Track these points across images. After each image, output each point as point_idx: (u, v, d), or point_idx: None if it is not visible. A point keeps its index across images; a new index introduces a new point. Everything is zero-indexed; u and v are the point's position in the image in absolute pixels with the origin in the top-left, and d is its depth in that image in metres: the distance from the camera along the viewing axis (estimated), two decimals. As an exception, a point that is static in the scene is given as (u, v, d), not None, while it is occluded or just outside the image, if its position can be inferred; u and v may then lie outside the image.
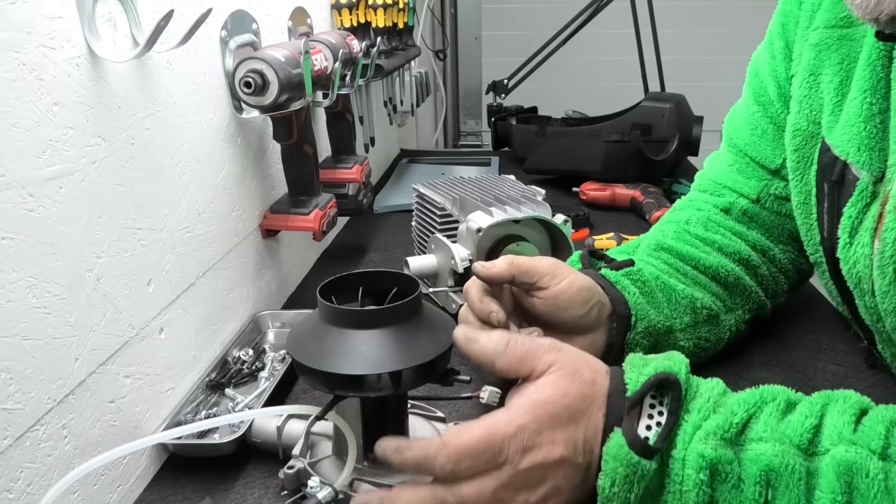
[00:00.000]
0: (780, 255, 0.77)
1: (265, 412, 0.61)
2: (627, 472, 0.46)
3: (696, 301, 0.69)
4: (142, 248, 0.59)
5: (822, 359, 0.74)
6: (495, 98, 1.67)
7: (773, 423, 0.46)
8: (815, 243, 0.68)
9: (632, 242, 0.79)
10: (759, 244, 0.76)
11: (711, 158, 0.85)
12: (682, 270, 0.72)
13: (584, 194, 1.31)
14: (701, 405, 0.48)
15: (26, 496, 0.47)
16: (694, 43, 2.34)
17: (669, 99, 1.35)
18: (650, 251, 0.74)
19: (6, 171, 0.44)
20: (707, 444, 0.45)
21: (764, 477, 0.44)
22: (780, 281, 0.77)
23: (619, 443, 0.46)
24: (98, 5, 0.52)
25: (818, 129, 0.65)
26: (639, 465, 0.46)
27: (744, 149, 0.78)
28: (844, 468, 0.43)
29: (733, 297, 0.73)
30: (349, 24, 1.11)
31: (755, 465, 0.44)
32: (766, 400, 0.48)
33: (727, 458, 0.45)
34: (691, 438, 0.46)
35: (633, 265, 0.69)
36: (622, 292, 0.66)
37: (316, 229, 0.84)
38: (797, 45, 0.69)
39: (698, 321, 0.69)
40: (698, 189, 0.83)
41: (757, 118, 0.76)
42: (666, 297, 0.68)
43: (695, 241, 0.74)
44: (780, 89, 0.72)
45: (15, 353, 0.45)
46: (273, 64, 0.71)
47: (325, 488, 0.52)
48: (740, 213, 0.77)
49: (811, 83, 0.65)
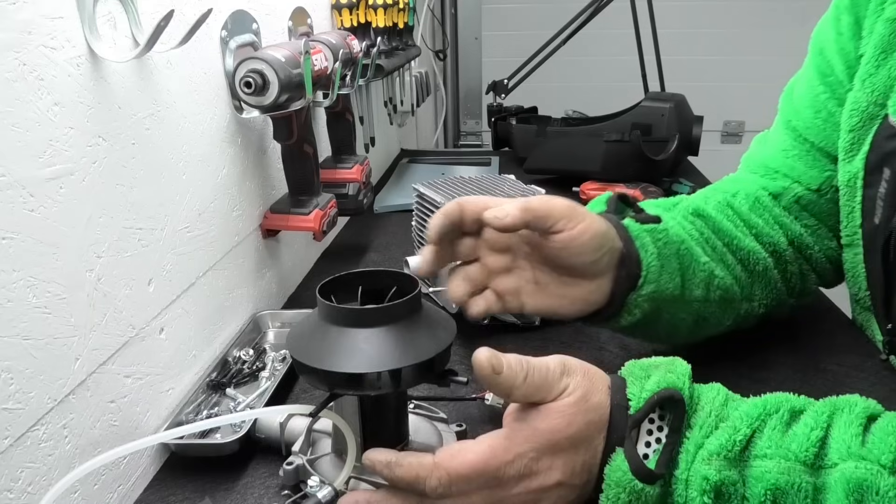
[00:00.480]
0: (819, 254, 0.73)
1: (266, 412, 0.61)
2: (630, 498, 0.45)
3: (715, 278, 0.66)
4: (142, 247, 0.59)
5: (823, 358, 0.74)
6: (495, 98, 1.67)
7: (777, 438, 0.45)
8: (855, 226, 0.66)
9: (670, 199, 0.74)
10: (798, 239, 0.72)
11: (761, 139, 0.79)
12: (712, 244, 0.68)
13: (584, 194, 1.31)
14: (703, 420, 0.46)
15: (27, 496, 0.47)
16: (694, 43, 2.34)
17: (669, 99, 1.35)
18: (686, 213, 0.70)
19: (6, 171, 0.44)
20: (711, 465, 0.44)
21: (770, 496, 0.43)
22: (811, 279, 0.74)
23: (622, 468, 0.45)
24: (98, 5, 0.52)
25: (879, 110, 0.61)
26: (642, 491, 0.45)
27: (805, 133, 0.72)
28: (854, 486, 0.42)
29: (755, 287, 0.70)
30: (349, 24, 1.11)
31: (760, 483, 0.43)
32: (770, 412, 0.47)
33: (731, 479, 0.44)
34: (694, 458, 0.45)
35: (660, 222, 0.65)
36: (639, 250, 0.62)
37: (316, 229, 0.85)
38: (868, 21, 0.64)
39: (709, 299, 0.66)
40: (748, 170, 0.78)
41: (823, 100, 0.71)
42: (685, 265, 0.64)
43: (735, 219, 0.70)
44: (850, 69, 0.67)
45: (15, 353, 0.45)
46: (273, 64, 0.71)
47: (324, 488, 0.52)
48: (792, 201, 0.73)
49: (880, 60, 0.61)
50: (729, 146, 2.44)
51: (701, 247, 0.67)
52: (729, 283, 0.67)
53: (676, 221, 0.68)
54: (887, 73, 0.61)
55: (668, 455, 0.45)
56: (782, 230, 0.72)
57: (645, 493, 0.45)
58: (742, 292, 0.69)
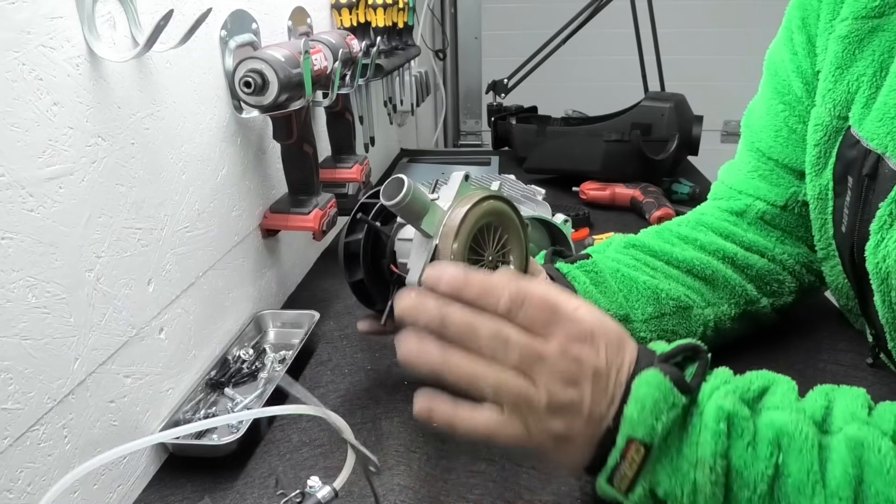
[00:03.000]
0: (784, 256, 0.74)
1: (265, 412, 0.61)
2: (658, 396, 0.44)
3: (661, 292, 0.68)
4: (142, 247, 0.59)
5: (823, 358, 0.74)
6: (495, 97, 1.67)
7: (789, 397, 0.46)
8: (828, 237, 0.68)
9: (606, 241, 0.78)
10: (755, 245, 0.74)
11: (727, 167, 0.82)
12: (650, 265, 0.71)
13: (583, 194, 1.31)
14: (721, 373, 0.48)
15: (26, 496, 0.47)
16: (694, 42, 2.34)
17: (669, 98, 1.35)
18: (619, 248, 0.74)
19: (6, 170, 0.44)
20: (726, 399, 0.45)
21: (776, 439, 0.44)
22: (786, 280, 0.75)
23: (654, 373, 0.45)
24: (98, 5, 0.52)
25: (842, 123, 0.63)
26: (672, 391, 0.44)
27: (768, 152, 0.74)
28: (856, 443, 0.43)
29: (716, 292, 0.71)
30: (349, 23, 1.11)
31: (770, 428, 0.44)
32: (780, 381, 0.48)
33: (744, 413, 0.44)
34: (711, 395, 0.45)
35: (589, 258, 0.70)
36: (572, 282, 0.67)
37: (316, 229, 0.85)
38: (820, 39, 0.66)
39: (664, 312, 0.68)
40: (712, 198, 0.81)
41: (783, 118, 0.73)
42: (622, 287, 0.68)
43: (672, 239, 0.74)
44: (808, 86, 0.70)
45: (15, 353, 0.45)
46: (273, 64, 0.71)
47: (324, 488, 0.52)
48: (756, 217, 0.75)
49: (837, 76, 0.63)
50: (729, 146, 2.44)
51: (639, 270, 0.70)
52: (679, 293, 0.69)
53: (609, 256, 0.72)
54: (845, 87, 0.63)
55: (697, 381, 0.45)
56: (729, 240, 0.74)
57: (675, 395, 0.44)
58: (703, 299, 0.71)
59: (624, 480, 0.45)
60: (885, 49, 0.60)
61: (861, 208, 0.61)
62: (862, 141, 0.60)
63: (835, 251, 0.68)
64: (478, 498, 0.56)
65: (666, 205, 1.19)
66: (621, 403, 0.45)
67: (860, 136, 0.61)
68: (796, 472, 0.43)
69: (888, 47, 0.60)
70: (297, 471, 0.60)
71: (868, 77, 0.61)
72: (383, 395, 0.71)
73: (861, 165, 0.60)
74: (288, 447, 0.63)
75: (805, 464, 0.43)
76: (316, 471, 0.60)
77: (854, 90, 0.62)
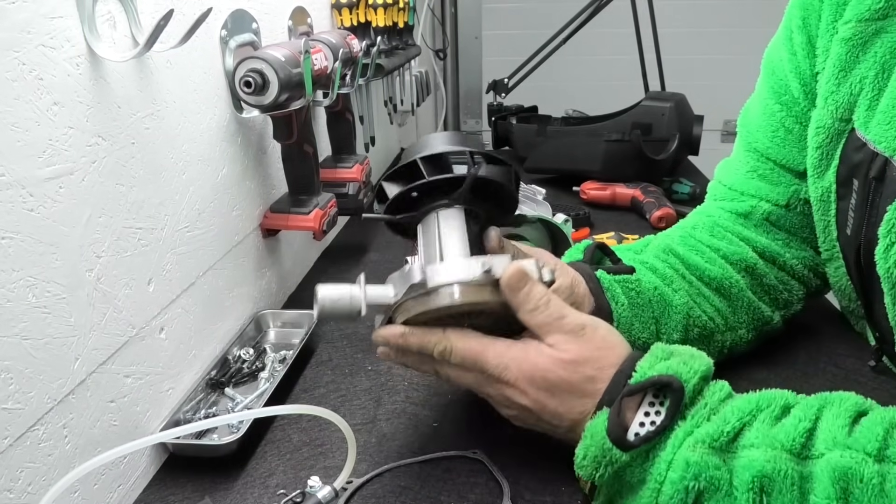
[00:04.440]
0: (793, 261, 0.74)
1: (265, 412, 0.61)
2: (597, 453, 0.48)
3: (692, 318, 0.67)
4: (142, 247, 0.59)
5: (823, 359, 0.74)
6: (495, 97, 1.67)
7: (765, 430, 0.46)
8: (832, 239, 0.68)
9: (640, 242, 0.76)
10: (768, 250, 0.73)
11: (723, 165, 0.81)
12: (686, 278, 0.70)
13: (584, 193, 1.31)
14: (696, 411, 0.48)
15: (27, 496, 0.47)
16: (694, 42, 2.34)
17: (670, 98, 1.35)
18: (658, 252, 0.72)
19: (6, 170, 0.44)
20: (695, 451, 0.46)
21: (757, 483, 0.44)
22: (794, 287, 0.74)
23: (601, 423, 0.48)
24: (98, 5, 0.52)
25: (845, 125, 0.63)
26: (610, 451, 0.48)
27: (766, 153, 0.74)
28: (840, 474, 0.43)
29: (736, 314, 0.71)
30: (349, 23, 1.11)
31: (747, 471, 0.45)
32: (762, 407, 0.48)
33: (713, 464, 0.45)
34: (681, 444, 0.47)
35: (633, 272, 0.67)
36: (609, 301, 0.64)
37: (316, 229, 0.84)
38: (821, 41, 0.66)
39: (688, 339, 0.68)
40: (713, 198, 0.80)
41: (779, 119, 0.73)
42: (658, 312, 0.66)
43: (700, 247, 0.72)
44: (806, 87, 0.70)
45: (15, 353, 0.45)
46: (273, 63, 0.71)
47: (324, 488, 0.52)
48: (761, 219, 0.74)
49: (840, 78, 0.63)
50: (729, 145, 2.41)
51: (675, 285, 0.68)
52: (707, 318, 0.69)
53: (650, 264, 0.70)
54: (848, 89, 0.63)
55: (653, 436, 0.47)
56: (747, 244, 0.73)
57: (613, 454, 0.48)
58: (725, 323, 0.70)
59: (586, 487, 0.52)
60: (888, 51, 0.59)
61: (868, 211, 0.61)
62: (869, 144, 0.60)
63: (838, 253, 0.68)
64: (478, 498, 0.56)
65: (666, 205, 1.19)
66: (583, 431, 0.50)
67: (866, 139, 0.60)
68: None
69: (891, 49, 0.59)
70: (297, 471, 0.60)
71: (870, 79, 0.60)
72: (384, 395, 0.71)
73: (868, 168, 0.60)
74: (288, 447, 0.63)
75: (787, 502, 0.44)
76: (316, 471, 0.60)
77: (857, 92, 0.62)
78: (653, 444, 0.47)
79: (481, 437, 0.63)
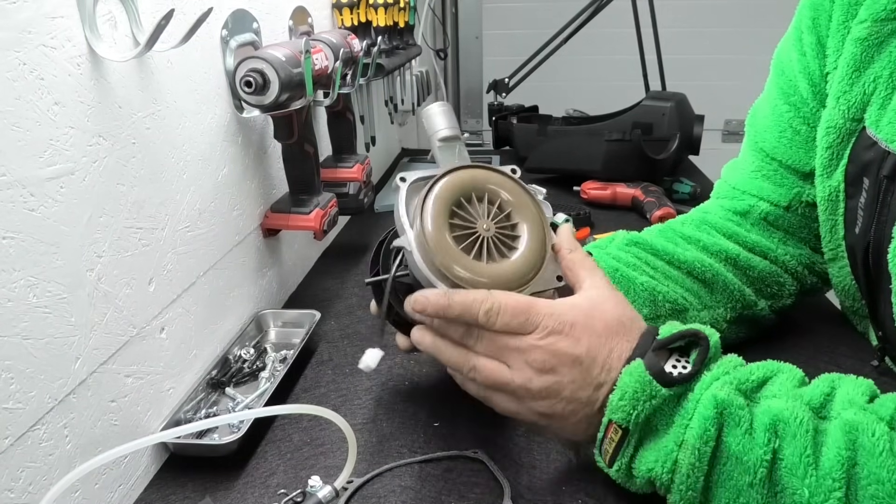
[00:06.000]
0: (786, 257, 0.74)
1: (266, 411, 0.61)
2: (637, 388, 0.48)
3: (658, 294, 0.68)
4: (143, 247, 0.59)
5: (823, 359, 0.74)
6: (496, 97, 1.67)
7: (788, 386, 0.49)
8: (838, 239, 0.68)
9: (607, 237, 0.77)
10: (758, 246, 0.74)
11: (731, 165, 0.81)
12: (651, 264, 0.71)
13: (585, 193, 1.31)
14: (723, 363, 0.50)
15: (27, 495, 0.47)
16: (695, 42, 2.34)
17: (670, 98, 1.35)
18: (621, 245, 0.73)
19: (7, 170, 0.44)
20: (722, 389, 0.48)
21: (773, 426, 0.46)
22: (787, 282, 0.75)
23: (639, 364, 0.49)
24: (98, 5, 0.52)
25: (856, 125, 0.63)
26: (650, 384, 0.48)
27: (772, 153, 0.74)
28: (851, 426, 0.45)
29: (714, 295, 0.71)
30: (350, 23, 1.11)
31: (766, 415, 0.46)
32: (783, 370, 0.51)
33: (738, 403, 0.47)
34: (709, 386, 0.48)
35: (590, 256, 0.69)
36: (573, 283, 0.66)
37: (317, 228, 0.84)
38: (831, 41, 0.66)
39: (660, 314, 0.68)
40: (715, 196, 0.81)
41: (787, 119, 0.73)
42: (620, 287, 0.66)
43: (675, 238, 0.74)
44: (815, 87, 0.70)
45: (16, 353, 0.45)
46: (274, 63, 0.71)
47: (325, 487, 0.52)
48: (759, 218, 0.75)
49: (853, 78, 0.63)
50: (730, 145, 2.43)
51: (638, 270, 0.70)
52: (677, 295, 0.69)
53: (611, 254, 0.72)
54: (861, 89, 0.63)
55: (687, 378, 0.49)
56: (732, 240, 0.74)
57: (653, 387, 0.48)
58: (700, 302, 0.71)
59: (606, 455, 0.51)
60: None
61: (878, 210, 0.61)
62: (880, 143, 0.60)
63: (844, 252, 0.68)
64: (478, 497, 0.56)
65: (667, 204, 1.19)
66: (613, 386, 0.50)
67: (878, 138, 0.60)
68: (790, 455, 0.45)
69: None
70: (297, 470, 0.60)
71: (885, 78, 0.60)
72: (384, 394, 0.71)
73: (879, 167, 0.60)
74: (289, 447, 0.63)
75: (799, 447, 0.45)
76: (317, 470, 0.60)
77: (870, 92, 0.62)
78: (684, 388, 0.49)
79: (481, 436, 0.63)
